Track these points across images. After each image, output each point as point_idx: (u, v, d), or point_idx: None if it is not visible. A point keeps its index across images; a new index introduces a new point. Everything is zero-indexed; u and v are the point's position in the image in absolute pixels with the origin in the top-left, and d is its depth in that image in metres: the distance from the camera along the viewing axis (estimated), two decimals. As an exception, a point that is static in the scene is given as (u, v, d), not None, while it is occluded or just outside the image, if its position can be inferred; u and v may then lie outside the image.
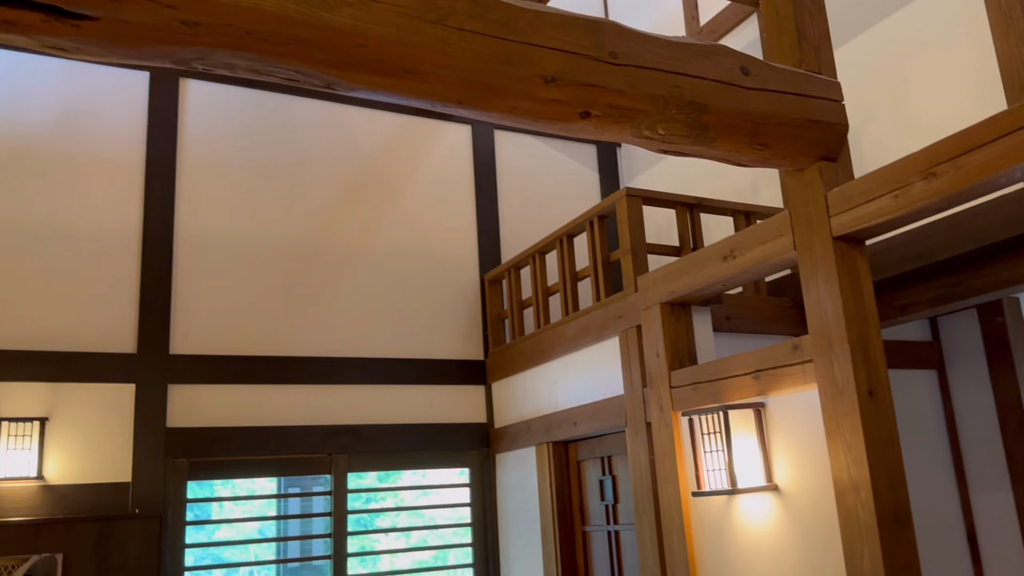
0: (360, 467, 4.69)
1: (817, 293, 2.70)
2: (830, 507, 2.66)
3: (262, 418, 4.47)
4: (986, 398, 4.24)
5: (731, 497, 3.04)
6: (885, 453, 2.55)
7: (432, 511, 5.00)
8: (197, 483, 4.34)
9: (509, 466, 4.91)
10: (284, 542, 4.63)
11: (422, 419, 4.90)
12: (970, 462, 4.30)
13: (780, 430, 2.88)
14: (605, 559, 4.14)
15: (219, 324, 4.50)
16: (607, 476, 4.17)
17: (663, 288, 3.46)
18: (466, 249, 5.30)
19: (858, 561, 2.51)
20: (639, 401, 3.69)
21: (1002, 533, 4.14)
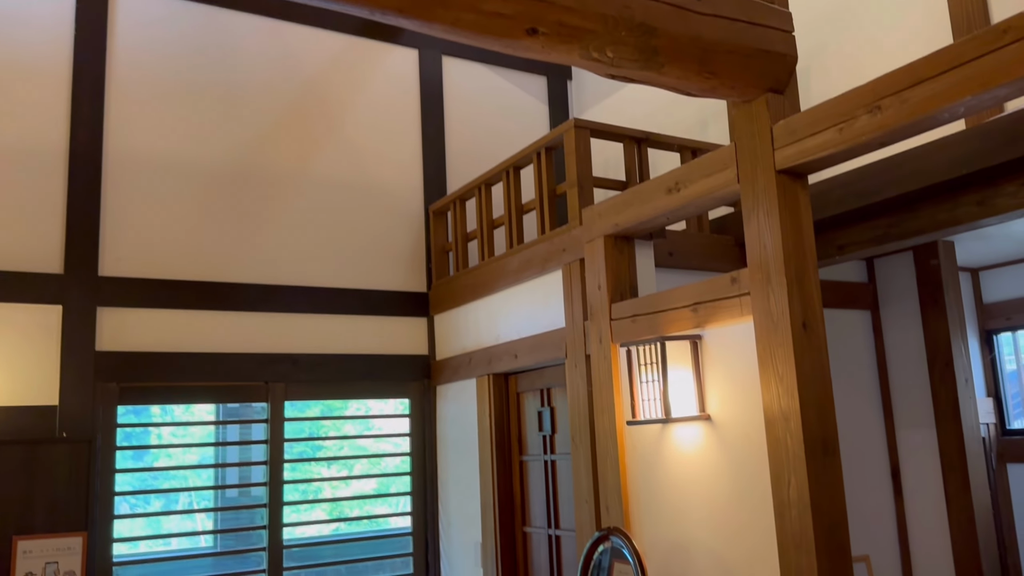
0: (298, 396, 4.64)
1: (758, 226, 2.70)
2: (760, 437, 2.71)
3: (196, 344, 4.37)
4: (916, 339, 4.36)
5: (665, 426, 3.08)
6: (816, 385, 2.59)
7: (371, 441, 4.99)
8: (128, 408, 4.25)
9: (449, 397, 4.91)
10: (221, 468, 4.57)
11: (362, 350, 4.85)
12: (897, 400, 4.43)
13: (715, 362, 2.91)
14: (541, 487, 4.19)
15: (152, 247, 4.36)
16: (545, 408, 4.19)
17: (607, 221, 3.44)
18: (410, 179, 5.20)
19: (784, 488, 2.57)
20: (579, 334, 3.70)
21: (923, 469, 4.30)
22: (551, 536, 4.09)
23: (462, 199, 4.86)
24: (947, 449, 4.20)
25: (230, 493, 4.97)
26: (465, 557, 4.61)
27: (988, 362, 4.81)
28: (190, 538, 4.51)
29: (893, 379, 4.46)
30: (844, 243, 3.81)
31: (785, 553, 2.56)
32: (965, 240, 4.26)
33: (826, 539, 2.50)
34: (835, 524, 2.53)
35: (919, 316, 4.38)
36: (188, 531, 4.37)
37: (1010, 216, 3.26)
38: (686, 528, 2.98)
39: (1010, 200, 3.20)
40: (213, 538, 4.52)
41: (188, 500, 4.53)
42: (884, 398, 4.49)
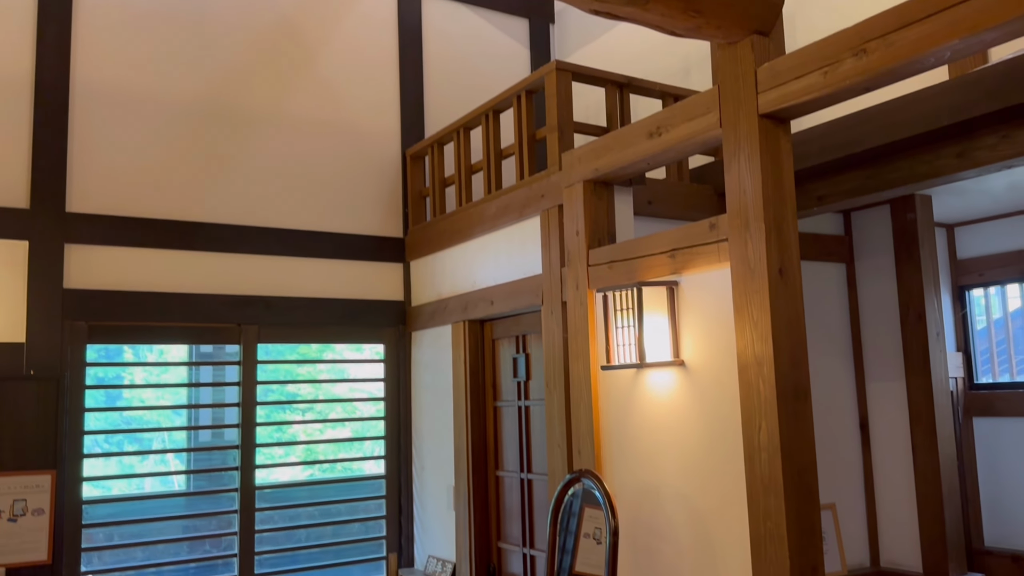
0: (271, 339, 4.60)
1: (738, 171, 2.67)
2: (732, 382, 2.71)
3: (167, 284, 4.30)
4: (890, 292, 4.39)
5: (639, 372, 3.09)
6: (790, 331, 2.60)
7: (346, 386, 4.98)
8: (98, 347, 4.19)
9: (425, 344, 4.89)
10: (193, 410, 4.54)
11: (337, 294, 4.81)
12: (868, 353, 4.47)
13: (690, 308, 2.90)
14: (514, 433, 4.21)
15: (121, 183, 4.26)
16: (520, 354, 4.19)
17: (587, 165, 3.40)
18: (388, 121, 5.11)
19: (755, 433, 2.59)
20: (556, 281, 3.68)
21: (891, 421, 4.36)
22: (523, 480, 4.11)
23: (440, 143, 4.78)
24: (915, 402, 4.26)
25: (203, 435, 4.96)
26: (438, 500, 4.64)
27: (959, 317, 4.86)
28: (162, 479, 4.50)
29: (865, 332, 4.50)
30: (823, 194, 3.80)
31: (754, 496, 2.58)
32: (942, 195, 4.27)
33: (795, 482, 2.52)
34: (804, 468, 2.56)
35: (893, 270, 4.40)
36: (159, 471, 4.36)
37: (989, 169, 3.26)
38: (657, 472, 3.00)
39: (989, 153, 3.19)
40: (185, 479, 4.51)
41: (160, 441, 4.51)
42: (855, 351, 4.53)
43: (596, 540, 3.05)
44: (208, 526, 4.40)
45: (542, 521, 3.90)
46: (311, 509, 4.74)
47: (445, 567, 4.43)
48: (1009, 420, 4.60)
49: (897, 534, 4.33)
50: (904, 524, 4.30)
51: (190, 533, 4.42)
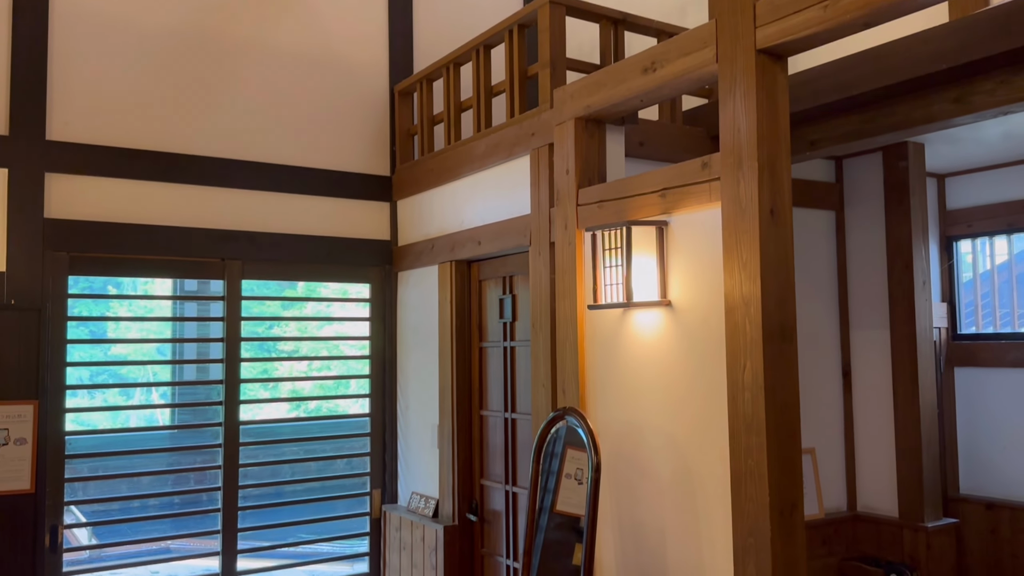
0: (255, 275, 4.55)
1: (733, 109, 2.63)
2: (719, 323, 2.71)
3: (149, 217, 4.24)
4: (878, 241, 4.38)
5: (625, 312, 3.08)
6: (778, 272, 2.58)
7: (330, 324, 4.96)
8: (80, 279, 4.14)
9: (411, 284, 4.86)
10: (177, 344, 4.52)
11: (322, 231, 4.75)
12: (854, 301, 4.49)
13: (679, 249, 2.88)
14: (499, 373, 4.21)
15: (103, 112, 4.16)
16: (507, 295, 4.17)
17: (579, 102, 3.34)
18: (376, 55, 5.00)
19: (740, 372, 2.59)
20: (545, 221, 3.64)
21: (874, 368, 4.40)
22: (507, 419, 4.13)
23: (429, 79, 4.69)
24: (899, 350, 4.29)
25: (187, 371, 4.94)
26: (422, 439, 4.67)
27: (945, 268, 4.87)
28: (145, 413, 4.49)
29: (852, 280, 4.51)
30: (816, 138, 3.76)
31: (736, 434, 2.60)
32: (935, 143, 4.24)
33: (777, 421, 2.54)
34: (787, 407, 2.57)
35: (883, 218, 4.39)
36: (143, 404, 4.34)
37: (985, 115, 3.22)
38: (640, 410, 3.01)
39: (987, 98, 3.15)
40: (169, 413, 4.51)
41: (143, 375, 4.49)
42: (841, 299, 4.54)
43: (577, 480, 3.07)
44: (192, 460, 4.41)
45: (525, 459, 3.93)
46: (295, 446, 4.76)
47: (428, 503, 4.48)
48: (990, 371, 4.64)
49: (875, 480, 4.39)
50: (882, 470, 4.37)
51: (174, 467, 4.44)
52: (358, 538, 4.81)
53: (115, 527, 4.21)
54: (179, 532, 4.39)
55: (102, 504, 4.18)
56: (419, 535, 4.44)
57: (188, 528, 4.36)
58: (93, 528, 4.56)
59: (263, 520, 4.56)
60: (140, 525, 4.48)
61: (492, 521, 4.21)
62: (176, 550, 4.38)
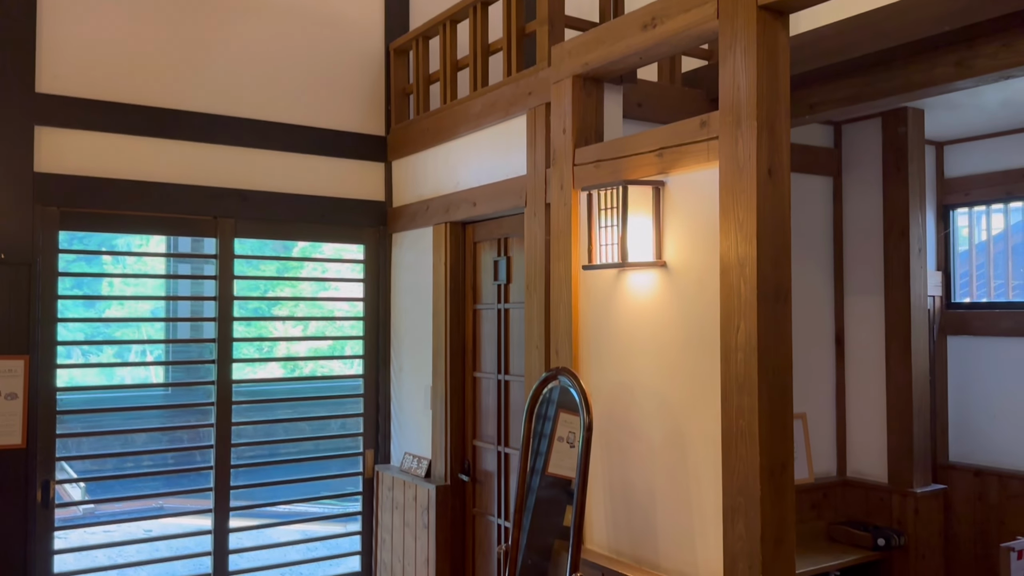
0: (248, 234, 4.52)
1: (733, 66, 2.59)
2: (713, 284, 2.69)
3: (141, 172, 4.19)
4: (875, 207, 4.37)
5: (620, 273, 3.06)
6: (775, 233, 2.56)
7: (324, 285, 4.94)
8: (71, 234, 4.11)
9: (405, 245, 4.84)
10: (170, 302, 4.50)
11: (316, 191, 4.71)
12: (849, 267, 4.48)
13: (675, 209, 2.85)
14: (493, 335, 4.21)
15: (94, 65, 4.09)
16: (502, 257, 4.15)
17: (577, 60, 3.29)
18: (371, 11, 4.92)
19: (733, 333, 2.58)
20: (541, 182, 3.61)
21: (867, 335, 4.40)
22: (500, 381, 4.14)
23: (425, 36, 4.63)
24: (893, 316, 4.29)
25: (180, 329, 4.93)
26: (415, 400, 4.67)
27: (941, 237, 4.86)
28: (138, 370, 4.49)
29: (848, 246, 4.50)
30: (816, 102, 3.72)
31: (728, 394, 2.60)
32: (935, 109, 4.20)
33: (769, 382, 2.53)
34: (779, 369, 2.57)
35: (880, 184, 4.37)
36: (135, 361, 4.33)
37: (987, 79, 3.19)
38: (633, 371, 3.01)
39: (989, 61, 3.12)
40: (163, 371, 4.50)
41: (135, 332, 4.47)
42: (836, 265, 4.53)
43: (569, 444, 3.08)
44: (185, 419, 4.41)
45: (517, 421, 3.93)
46: (288, 406, 4.77)
47: (421, 463, 4.49)
48: (983, 339, 4.65)
49: (865, 446, 4.42)
50: (872, 436, 4.39)
51: (166, 425, 4.45)
52: (350, 497, 4.84)
53: (108, 485, 4.22)
54: (172, 489, 4.41)
55: (94, 461, 4.19)
56: (411, 495, 4.46)
57: (181, 486, 4.37)
58: (86, 486, 4.58)
59: (256, 479, 4.58)
60: (133, 483, 4.50)
61: (484, 481, 4.23)
62: (169, 508, 4.41)
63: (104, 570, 4.22)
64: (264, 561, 4.59)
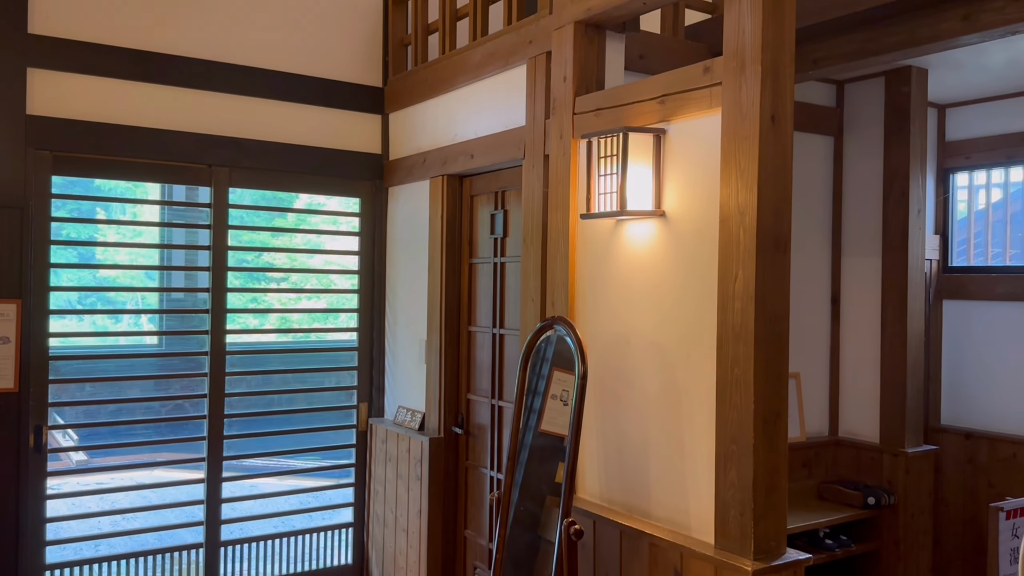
0: (243, 183, 4.47)
1: (738, 10, 2.55)
2: (712, 234, 2.67)
3: (135, 118, 4.14)
4: (875, 168, 4.34)
5: (618, 223, 3.04)
6: (776, 181, 2.54)
7: (319, 238, 4.90)
8: (64, 179, 4.06)
9: (401, 199, 4.80)
10: (164, 250, 4.47)
11: (312, 142, 4.66)
12: (848, 228, 4.46)
13: (676, 158, 2.82)
14: (488, 289, 4.19)
15: (87, 7, 4.02)
16: (499, 211, 4.12)
17: (579, 5, 3.23)
18: (371, -41, 4.84)
19: (731, 282, 2.56)
20: (540, 133, 3.57)
21: (864, 297, 4.40)
22: (495, 335, 4.13)
23: (426, -14, 4.55)
24: (889, 278, 4.28)
25: (175, 278, 4.90)
26: (409, 354, 4.66)
27: (940, 200, 4.84)
28: (131, 319, 4.47)
29: (846, 207, 4.47)
30: (819, 56, 3.68)
31: (724, 344, 2.59)
32: (939, 69, 4.16)
33: (766, 331, 2.52)
34: (776, 318, 2.55)
35: (881, 144, 4.33)
36: (129, 309, 4.31)
37: (993, 34, 3.15)
38: (629, 321, 3.00)
39: (996, 16, 3.08)
40: (158, 319, 4.48)
41: (129, 280, 4.44)
42: (835, 225, 4.51)
43: (563, 402, 3.07)
44: (178, 367, 4.40)
45: (511, 374, 3.93)
46: (283, 358, 4.76)
47: (414, 416, 4.50)
48: (979, 303, 4.65)
49: (857, 406, 4.44)
50: (865, 397, 4.40)
51: (159, 372, 4.44)
52: (344, 450, 4.85)
53: (100, 433, 4.21)
54: (165, 438, 4.42)
55: (87, 407, 4.18)
56: (404, 447, 4.47)
57: (174, 435, 4.37)
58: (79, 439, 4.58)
59: (249, 430, 4.58)
60: (126, 430, 4.50)
61: (477, 434, 4.24)
62: (162, 458, 4.41)
63: (96, 516, 4.23)
64: (257, 512, 4.61)
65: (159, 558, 4.25)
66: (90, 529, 4.29)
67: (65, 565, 4.03)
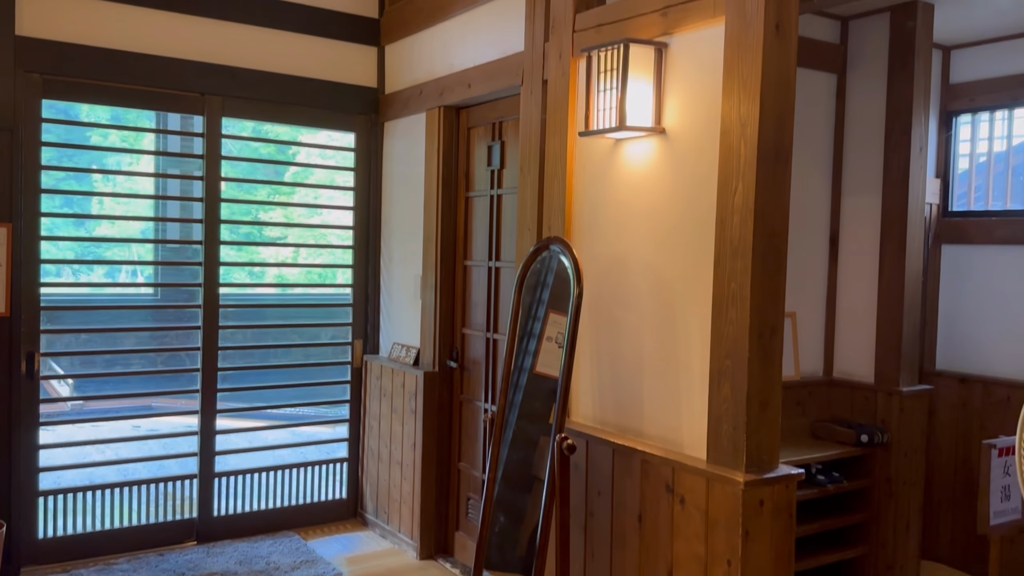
0: (236, 113, 4.41)
1: (743, -86, 2.48)
2: (713, 150, 2.63)
3: (127, 42, 4.06)
4: (878, 107, 4.27)
5: (616, 144, 2.99)
6: (779, 91, 2.49)
7: (313, 172, 4.85)
8: (54, 104, 3.99)
9: (397, 134, 4.74)
10: (157, 178, 4.41)
11: (307, 72, 4.59)
12: (848, 167, 4.41)
13: (677, 73, 2.77)
14: (485, 222, 4.15)
15: (76, -75, 3.93)
16: (496, 142, 4.07)
17: (580, -79, 3.16)
18: None
19: (730, 195, 2.53)
20: (539, 57, 3.51)
21: (862, 236, 4.36)
22: (491, 268, 4.09)
23: (424, -87, 4.45)
24: (889, 217, 4.24)
25: (170, 207, 4.83)
26: (404, 290, 4.64)
27: (943, 142, 4.79)
28: (123, 247, 4.42)
29: (848, 146, 4.42)
30: (825, -16, 3.60)
31: (721, 259, 2.56)
32: (944, 5, 4.08)
33: (764, 246, 2.49)
34: (775, 232, 2.52)
35: (885, 82, 4.26)
36: (120, 238, 4.26)
37: (1003, -43, 3.08)
38: (626, 243, 2.96)
39: (1007, -63, 3.01)
40: (152, 249, 4.44)
41: (120, 208, 4.39)
42: (835, 164, 4.46)
43: (558, 344, 3.04)
44: (174, 297, 4.37)
45: (507, 307, 3.91)
46: (277, 294, 4.73)
47: (409, 352, 4.48)
48: (978, 247, 4.62)
49: (853, 347, 4.42)
50: (861, 338, 4.38)
51: (155, 292, 4.41)
52: (339, 386, 4.84)
53: (95, 362, 4.19)
54: (159, 368, 4.40)
55: (78, 336, 4.15)
56: (399, 382, 4.46)
57: (168, 367, 4.36)
58: (72, 367, 4.55)
59: (245, 362, 4.57)
60: (122, 359, 4.47)
61: (472, 368, 4.22)
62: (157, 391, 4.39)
63: (90, 443, 4.23)
64: (252, 444, 4.61)
65: (152, 487, 4.26)
66: (83, 459, 4.29)
67: (58, 492, 4.03)
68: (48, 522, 4.00)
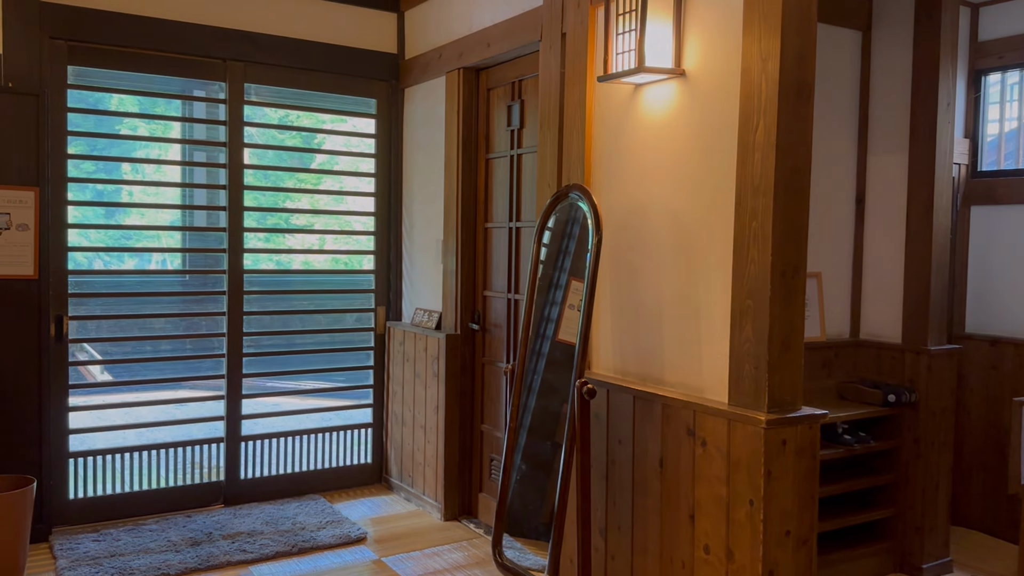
0: (257, 79, 4.43)
1: None
2: (734, 88, 2.60)
3: (150, 8, 4.10)
4: (905, 64, 4.20)
5: (636, 90, 2.96)
6: (800, 26, 2.45)
7: (334, 138, 4.87)
8: (79, 69, 4.04)
9: (417, 100, 4.74)
10: (182, 144, 4.45)
11: (328, 38, 4.60)
12: (874, 125, 4.34)
13: (697, 12, 2.74)
14: (505, 184, 4.14)
15: None
16: (515, 101, 4.05)
17: None
18: None
19: (751, 133, 2.50)
20: (557, 10, 3.48)
21: (889, 196, 4.29)
22: (511, 229, 4.09)
23: None
24: (916, 175, 4.17)
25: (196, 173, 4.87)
26: (426, 256, 4.64)
27: (971, 101, 4.70)
28: (149, 213, 4.47)
29: (874, 103, 4.35)
30: (849, -69, 3.54)
31: (742, 198, 2.53)
32: (975, -45, 4.00)
33: (786, 183, 2.46)
34: (797, 169, 2.49)
35: (911, 38, 4.19)
36: (143, 203, 4.30)
37: None
38: (646, 189, 2.94)
39: None
40: (180, 215, 4.47)
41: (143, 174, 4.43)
42: (861, 123, 4.39)
43: (579, 311, 3.03)
44: (201, 262, 4.41)
45: (528, 268, 3.89)
46: (300, 260, 4.76)
47: (431, 316, 4.49)
48: (1008, 208, 4.53)
49: (880, 307, 4.35)
50: (889, 298, 4.32)
51: (182, 258, 4.45)
52: (362, 352, 4.86)
53: (123, 326, 4.24)
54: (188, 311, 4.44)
55: (104, 300, 4.20)
56: (422, 346, 4.47)
57: (196, 309, 4.39)
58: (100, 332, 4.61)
59: (271, 328, 4.60)
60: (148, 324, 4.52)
61: (493, 331, 4.22)
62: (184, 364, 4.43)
63: (117, 407, 4.28)
64: (279, 409, 4.65)
65: (180, 451, 4.31)
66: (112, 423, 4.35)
67: (88, 454, 4.09)
68: (78, 483, 4.07)
